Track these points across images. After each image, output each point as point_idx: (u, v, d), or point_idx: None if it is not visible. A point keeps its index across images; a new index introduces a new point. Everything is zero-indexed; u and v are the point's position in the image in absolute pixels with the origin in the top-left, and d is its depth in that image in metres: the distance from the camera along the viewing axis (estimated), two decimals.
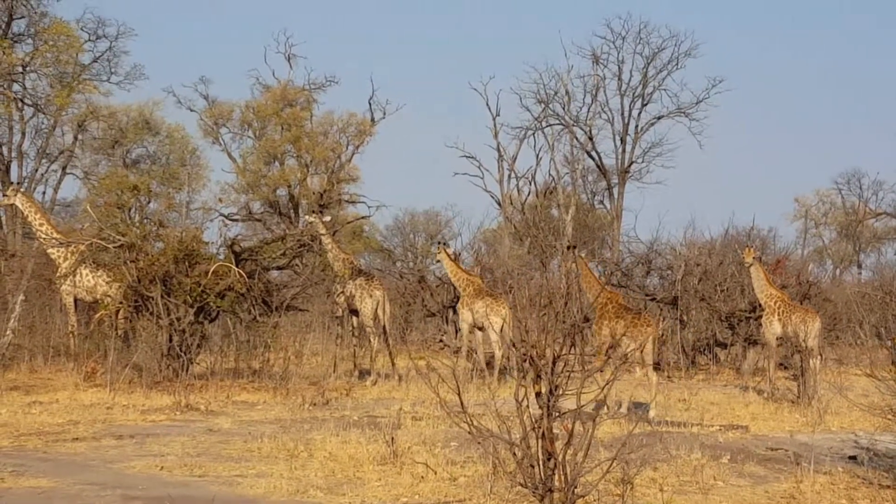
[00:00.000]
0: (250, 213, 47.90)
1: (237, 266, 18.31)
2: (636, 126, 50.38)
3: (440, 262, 21.23)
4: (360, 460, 10.88)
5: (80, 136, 44.84)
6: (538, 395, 8.36)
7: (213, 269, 17.93)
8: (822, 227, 61.99)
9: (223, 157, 49.88)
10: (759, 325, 19.50)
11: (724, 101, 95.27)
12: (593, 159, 50.72)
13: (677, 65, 50.17)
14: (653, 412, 14.54)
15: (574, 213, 46.94)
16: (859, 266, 57.89)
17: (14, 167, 41.34)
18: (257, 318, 18.66)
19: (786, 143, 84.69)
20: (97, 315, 18.71)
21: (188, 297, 17.65)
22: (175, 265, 17.83)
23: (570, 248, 17.94)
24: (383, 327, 19.73)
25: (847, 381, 18.00)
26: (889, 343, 23.87)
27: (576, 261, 17.03)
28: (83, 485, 9.91)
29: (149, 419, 14.17)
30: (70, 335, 19.34)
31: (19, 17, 41.67)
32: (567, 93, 49.56)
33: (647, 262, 26.54)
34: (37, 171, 42.69)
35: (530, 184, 50.01)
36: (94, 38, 43.41)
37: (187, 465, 10.88)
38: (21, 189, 21.78)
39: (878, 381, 11.29)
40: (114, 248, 18.40)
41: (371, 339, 19.64)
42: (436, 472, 10.20)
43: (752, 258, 18.44)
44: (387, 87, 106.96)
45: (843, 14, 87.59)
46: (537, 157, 49.92)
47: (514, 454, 8.34)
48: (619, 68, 50.53)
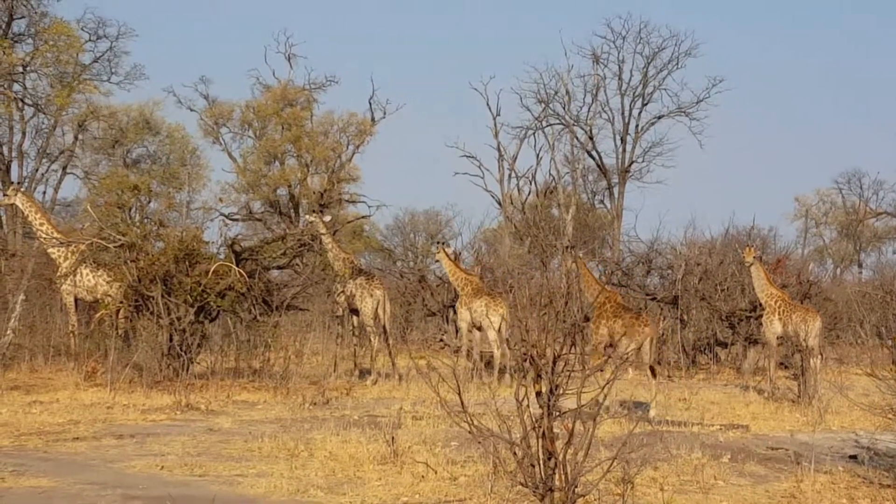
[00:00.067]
0: (251, 212, 47.88)
1: (237, 265, 18.32)
2: (636, 126, 50.39)
3: (439, 262, 21.23)
4: (361, 460, 10.88)
5: (80, 136, 44.82)
6: (538, 394, 8.36)
7: (214, 269, 17.93)
8: (822, 227, 62.02)
9: (223, 157, 50.02)
10: (760, 324, 19.50)
11: (725, 100, 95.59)
12: (594, 159, 50.73)
13: (677, 64, 50.19)
14: (653, 412, 14.53)
15: (574, 213, 46.90)
16: (860, 265, 57.97)
17: (14, 167, 41.37)
18: (258, 317, 18.66)
19: (786, 143, 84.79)
20: (98, 315, 18.70)
21: (188, 296, 17.65)
22: (175, 265, 17.83)
23: (569, 248, 17.95)
24: (384, 327, 19.73)
25: (847, 381, 18.02)
26: (890, 342, 23.90)
27: (575, 261, 17.04)
28: (83, 484, 9.90)
29: (149, 419, 14.17)
30: (70, 335, 19.34)
31: (20, 17, 41.69)
32: (567, 92, 49.57)
33: (647, 262, 26.55)
34: (37, 170, 42.70)
35: (531, 183, 50.04)
36: (94, 38, 43.43)
37: (188, 465, 10.88)
38: (21, 189, 21.77)
39: (878, 381, 11.30)
40: (114, 247, 18.40)
41: (371, 339, 19.64)
42: (436, 472, 10.20)
43: (753, 257, 18.44)
44: (387, 87, 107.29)
45: (843, 14, 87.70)
46: (538, 156, 49.97)
47: (514, 453, 8.33)
48: (619, 68, 50.57)
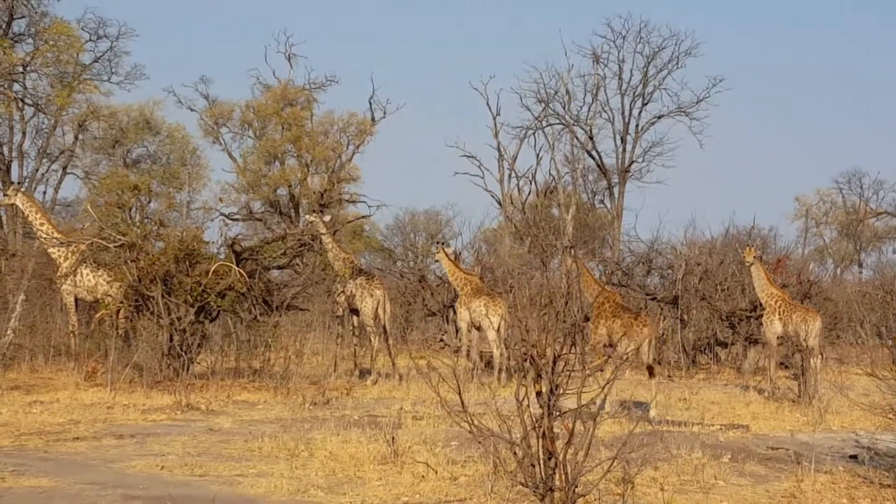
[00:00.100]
0: (251, 212, 47.86)
1: (238, 265, 18.32)
2: (636, 125, 50.37)
3: (439, 262, 21.23)
4: (361, 460, 10.88)
5: (80, 136, 44.81)
6: (539, 394, 8.35)
7: (214, 269, 17.93)
8: (822, 227, 62.01)
9: (224, 157, 49.98)
10: (760, 324, 19.50)
11: (725, 100, 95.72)
12: (594, 159, 50.71)
13: (678, 64, 50.16)
14: (653, 412, 14.53)
15: (574, 213, 46.86)
16: (860, 265, 57.96)
17: (15, 167, 41.36)
18: (258, 317, 18.66)
19: (786, 143, 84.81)
20: (98, 314, 18.71)
21: (189, 296, 17.65)
22: (176, 265, 17.83)
23: (568, 248, 17.95)
24: (384, 327, 19.73)
25: (848, 381, 18.03)
26: (890, 342, 23.92)
27: (575, 261, 17.03)
28: (84, 484, 9.90)
29: (149, 419, 14.17)
30: (71, 335, 19.34)
31: (20, 17, 41.68)
32: (567, 92, 49.54)
33: (647, 262, 26.56)
34: (37, 170, 42.69)
35: (531, 183, 50.01)
36: (94, 38, 43.41)
37: (188, 465, 10.88)
38: (22, 189, 21.77)
39: (878, 381, 11.30)
40: (114, 247, 18.40)
41: (371, 339, 19.64)
42: (436, 472, 10.19)
43: (753, 257, 18.44)
44: (387, 87, 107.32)
45: (843, 14, 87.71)
46: (538, 156, 49.93)
47: (514, 453, 8.33)
48: (619, 67, 50.55)
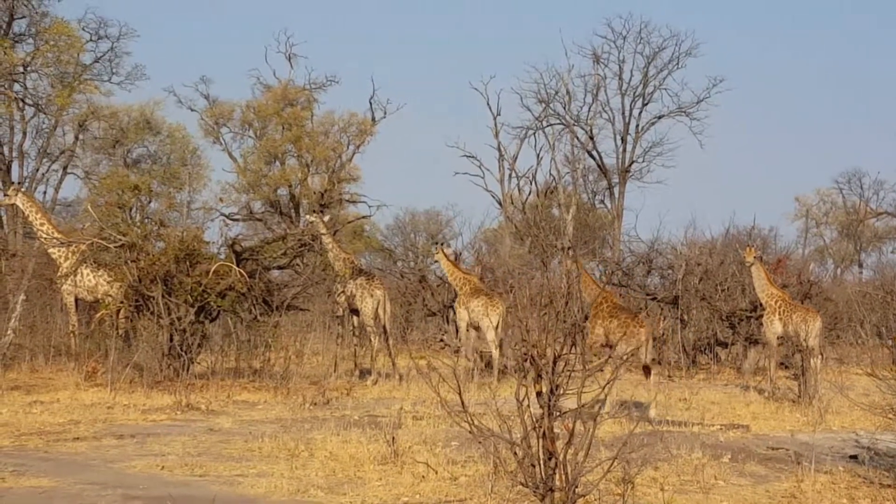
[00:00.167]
0: (251, 212, 47.84)
1: (238, 266, 18.32)
2: (637, 125, 50.34)
3: (439, 262, 21.23)
4: (361, 460, 10.88)
5: (80, 136, 44.79)
6: (539, 394, 8.35)
7: (214, 269, 17.93)
8: (822, 227, 61.99)
9: (224, 157, 49.97)
10: (760, 324, 19.50)
11: (725, 100, 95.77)
12: (594, 159, 50.70)
13: (678, 64, 50.13)
14: (653, 412, 14.53)
15: (575, 213, 46.85)
16: (860, 265, 57.93)
17: (15, 167, 41.32)
18: (258, 317, 18.66)
19: (786, 143, 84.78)
20: (98, 315, 18.71)
21: (189, 296, 17.66)
22: (176, 265, 17.84)
23: (567, 249, 17.96)
24: (384, 327, 19.73)
25: (848, 381, 18.01)
26: (890, 342, 23.91)
27: (575, 261, 17.04)
28: (84, 484, 9.90)
29: (149, 419, 14.17)
30: (71, 335, 19.34)
31: (20, 17, 41.65)
32: (568, 92, 49.54)
33: (647, 262, 26.56)
34: (38, 170, 42.68)
35: (531, 183, 49.98)
36: (95, 38, 43.37)
37: (188, 465, 10.88)
38: (22, 189, 21.77)
39: (878, 381, 11.30)
40: (115, 247, 18.41)
41: (372, 339, 19.64)
42: (437, 472, 10.19)
43: (753, 257, 18.45)
44: (387, 87, 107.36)
45: (843, 14, 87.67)
46: (538, 156, 49.90)
47: (514, 453, 8.33)
48: (619, 68, 50.52)
